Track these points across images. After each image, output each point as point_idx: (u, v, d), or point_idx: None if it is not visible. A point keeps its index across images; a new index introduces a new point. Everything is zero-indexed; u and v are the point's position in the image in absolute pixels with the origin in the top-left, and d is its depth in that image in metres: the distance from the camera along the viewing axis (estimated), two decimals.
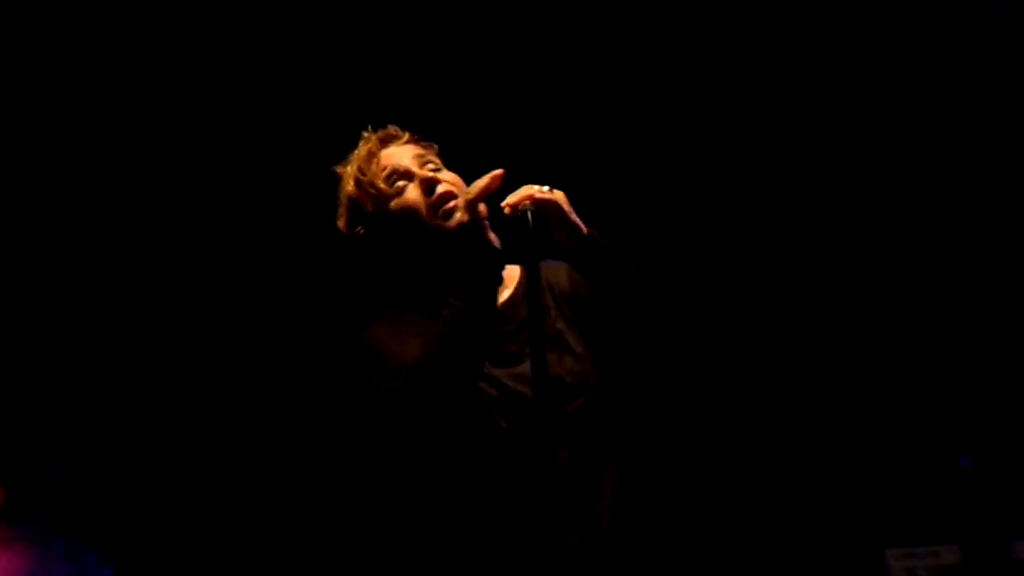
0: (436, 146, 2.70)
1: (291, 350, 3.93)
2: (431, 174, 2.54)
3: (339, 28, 3.87)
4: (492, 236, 2.39)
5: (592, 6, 3.83)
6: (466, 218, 2.39)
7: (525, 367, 2.43)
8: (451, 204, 2.45)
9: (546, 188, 2.42)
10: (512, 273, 2.66)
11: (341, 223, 2.64)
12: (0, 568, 3.42)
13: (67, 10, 3.67)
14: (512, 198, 2.38)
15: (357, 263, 2.63)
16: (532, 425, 2.31)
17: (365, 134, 2.67)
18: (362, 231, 2.61)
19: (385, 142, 2.65)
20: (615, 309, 2.44)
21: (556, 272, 2.66)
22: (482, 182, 2.41)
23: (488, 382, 2.40)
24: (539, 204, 2.36)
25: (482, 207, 2.41)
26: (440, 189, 2.46)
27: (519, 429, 2.33)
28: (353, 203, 2.62)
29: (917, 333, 3.87)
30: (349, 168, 2.64)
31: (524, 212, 2.34)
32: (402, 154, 2.60)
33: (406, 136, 2.67)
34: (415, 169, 2.57)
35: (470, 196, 2.40)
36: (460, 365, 2.30)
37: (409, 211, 2.52)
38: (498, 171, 2.40)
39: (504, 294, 2.60)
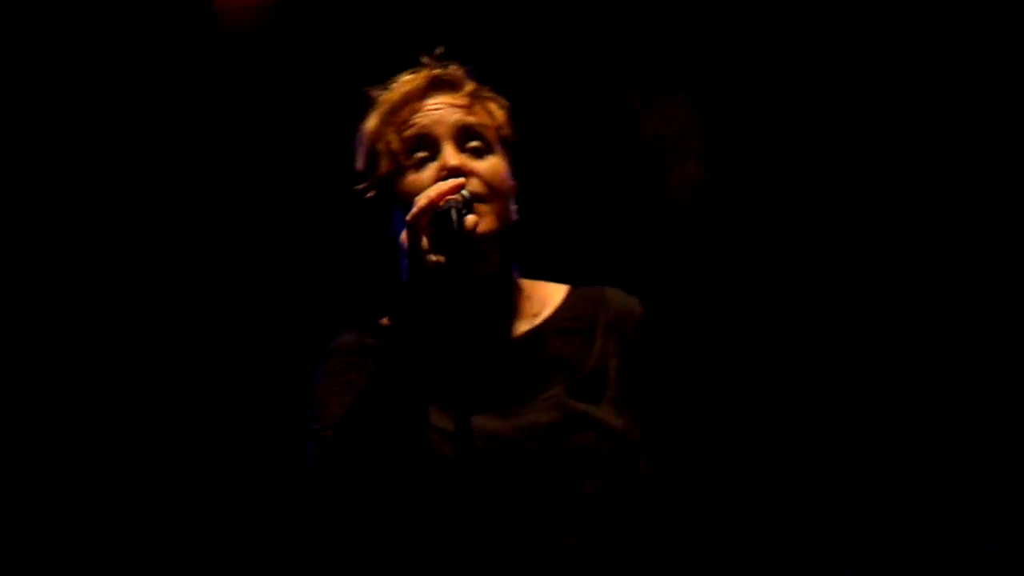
0: (507, 105, 2.06)
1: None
2: (457, 161, 1.92)
3: None
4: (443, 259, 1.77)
5: None
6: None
7: (527, 418, 1.89)
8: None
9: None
10: (547, 293, 2.06)
11: (359, 163, 2.04)
12: None
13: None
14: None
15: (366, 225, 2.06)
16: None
17: (424, 60, 2.05)
18: (373, 194, 2.03)
19: (437, 87, 2.01)
20: None
21: (626, 305, 2.05)
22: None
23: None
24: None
25: (472, 219, 1.81)
26: (453, 185, 1.82)
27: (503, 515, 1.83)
28: (371, 149, 2.02)
29: None
30: (383, 98, 2.02)
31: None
32: (445, 116, 1.97)
33: (469, 87, 2.02)
34: (446, 145, 1.95)
35: (423, 202, 1.79)
36: (384, 435, 1.80)
37: (412, 200, 1.91)
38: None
39: (530, 319, 2.02)
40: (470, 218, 1.78)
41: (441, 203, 1.77)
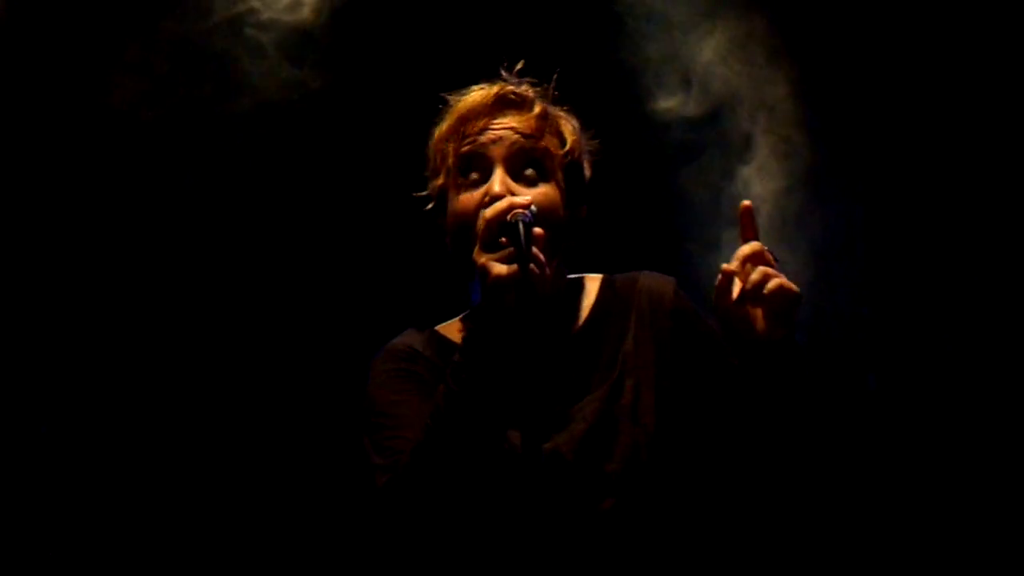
0: (579, 128, 2.01)
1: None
2: (502, 190, 1.88)
3: None
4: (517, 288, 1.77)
5: None
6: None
7: (578, 428, 1.89)
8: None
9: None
10: (587, 289, 2.04)
11: (427, 168, 2.03)
12: None
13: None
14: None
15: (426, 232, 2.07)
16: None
17: (504, 75, 2.00)
18: (432, 205, 2.01)
19: (505, 104, 1.95)
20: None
21: (658, 290, 2.02)
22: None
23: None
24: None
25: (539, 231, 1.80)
26: (494, 214, 1.80)
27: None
28: (434, 157, 2.00)
29: None
30: (454, 109, 1.98)
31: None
32: (505, 137, 1.92)
33: (538, 108, 1.96)
34: (497, 170, 1.90)
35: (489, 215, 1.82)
36: (460, 458, 1.79)
37: (458, 222, 1.90)
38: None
39: (580, 314, 2.00)
40: (537, 230, 1.78)
41: (509, 217, 1.77)
